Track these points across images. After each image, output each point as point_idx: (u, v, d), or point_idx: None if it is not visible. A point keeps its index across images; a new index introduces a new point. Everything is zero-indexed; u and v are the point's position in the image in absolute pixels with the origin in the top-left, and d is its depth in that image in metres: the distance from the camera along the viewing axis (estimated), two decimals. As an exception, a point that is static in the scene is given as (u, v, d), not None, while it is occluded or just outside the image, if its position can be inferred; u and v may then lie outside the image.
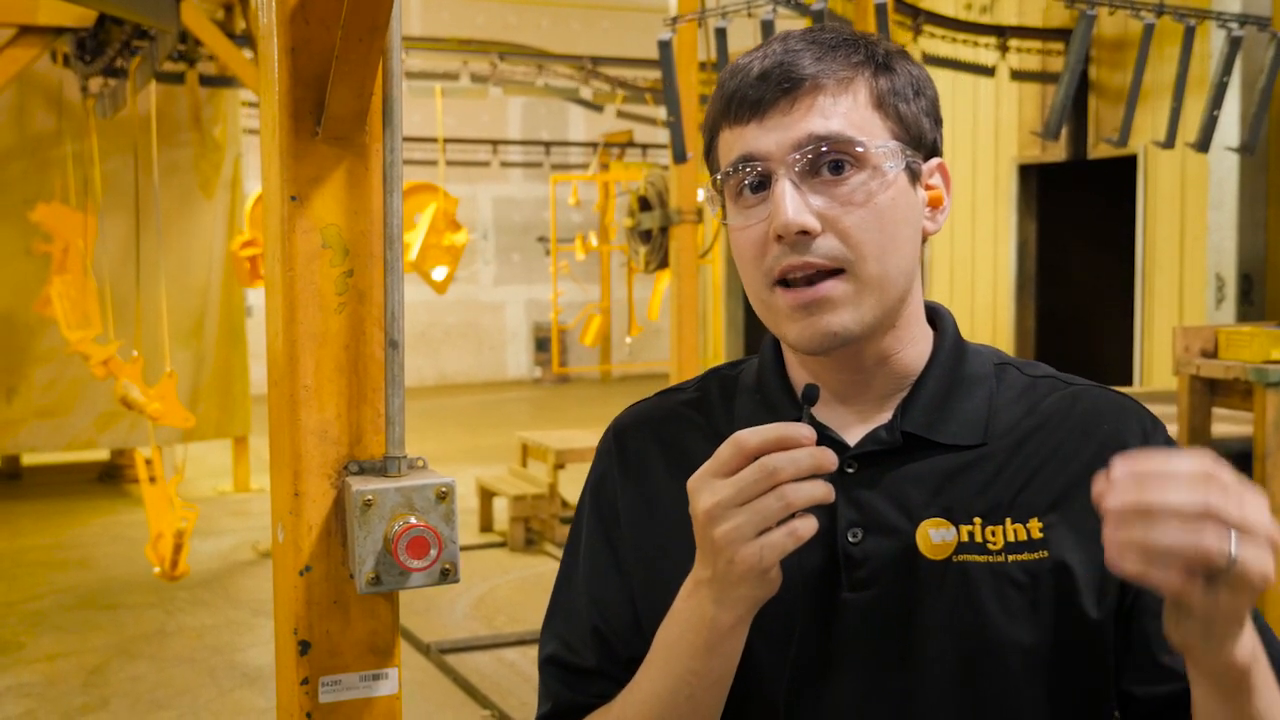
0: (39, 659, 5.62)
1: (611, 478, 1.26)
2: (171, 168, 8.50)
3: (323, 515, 1.39)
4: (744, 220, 1.14)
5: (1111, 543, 0.87)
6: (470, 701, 5.02)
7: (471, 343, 17.49)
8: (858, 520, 1.14)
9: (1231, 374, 4.48)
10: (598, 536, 1.25)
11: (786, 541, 0.99)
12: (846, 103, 1.12)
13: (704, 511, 1.01)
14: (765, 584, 1.02)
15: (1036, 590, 1.11)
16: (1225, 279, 7.06)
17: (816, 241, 1.10)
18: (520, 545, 7.47)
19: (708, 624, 1.05)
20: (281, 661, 1.45)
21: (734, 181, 1.15)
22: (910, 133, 1.15)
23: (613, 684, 1.19)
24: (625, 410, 1.32)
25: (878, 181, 1.11)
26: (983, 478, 1.14)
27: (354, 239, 1.39)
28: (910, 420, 1.16)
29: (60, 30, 6.47)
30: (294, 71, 1.35)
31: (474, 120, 16.22)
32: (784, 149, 1.11)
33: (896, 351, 1.18)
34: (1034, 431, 1.17)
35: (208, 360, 9.27)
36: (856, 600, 1.13)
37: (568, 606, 1.26)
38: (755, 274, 1.14)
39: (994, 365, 1.22)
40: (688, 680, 1.08)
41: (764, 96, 1.12)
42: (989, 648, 1.11)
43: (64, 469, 10.27)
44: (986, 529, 1.12)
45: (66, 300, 6.28)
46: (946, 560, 1.12)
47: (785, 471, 0.98)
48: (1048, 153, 8.31)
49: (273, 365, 1.43)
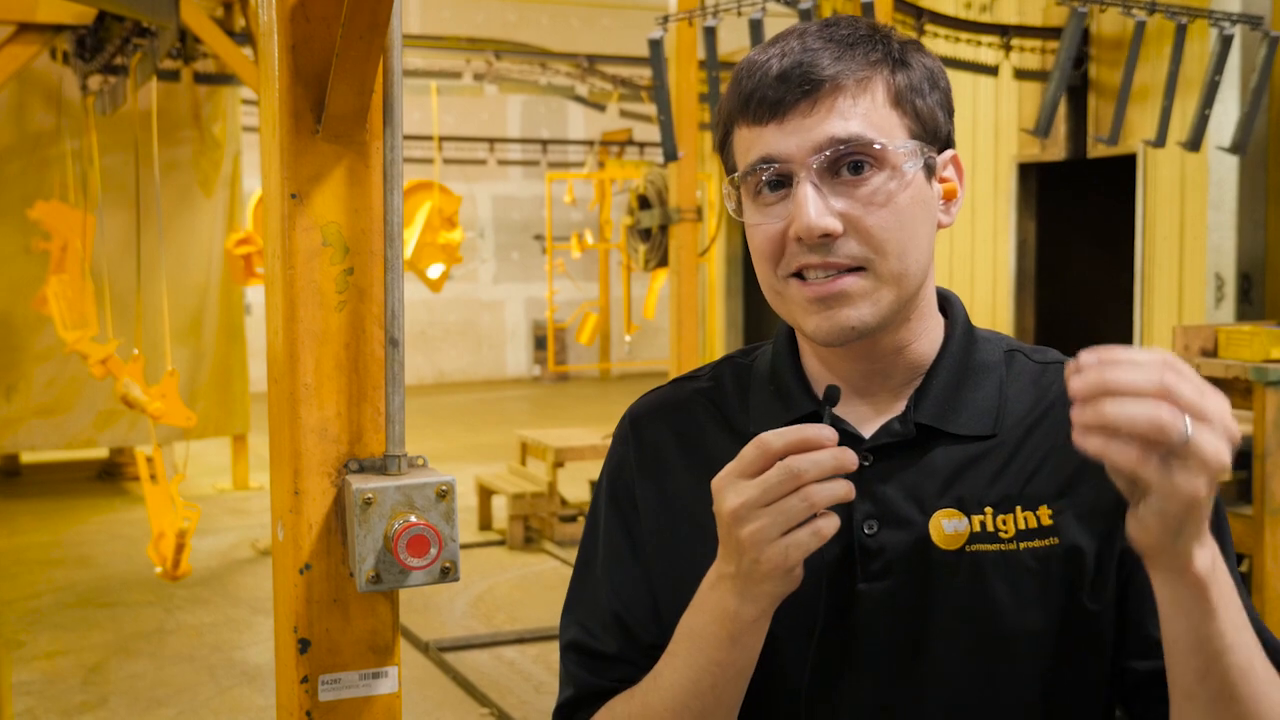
0: (38, 657, 5.62)
1: (628, 465, 1.28)
2: (171, 165, 8.49)
3: (323, 513, 1.39)
4: (763, 218, 1.15)
5: (1076, 423, 0.91)
6: (469, 700, 5.02)
7: (471, 341, 17.48)
8: (873, 512, 1.15)
9: (1231, 373, 4.48)
10: (615, 523, 1.27)
11: (811, 541, 1.01)
12: (865, 103, 1.13)
13: (729, 512, 1.02)
14: (789, 581, 1.05)
15: (1047, 576, 1.14)
16: (1224, 278, 7.06)
17: (837, 243, 1.11)
18: (519, 543, 7.47)
19: (730, 617, 1.07)
20: (281, 660, 1.45)
21: (752, 180, 1.15)
22: (926, 128, 1.16)
23: (634, 669, 1.21)
24: (641, 398, 1.33)
25: (897, 181, 1.12)
26: (993, 468, 1.16)
27: (354, 237, 1.39)
28: (923, 411, 1.18)
29: (60, 28, 6.46)
30: (294, 69, 1.35)
31: (473, 118, 16.22)
32: (805, 151, 1.11)
33: (911, 342, 1.19)
34: (1043, 418, 1.19)
35: (206, 358, 9.26)
36: (872, 591, 1.15)
37: (588, 593, 1.28)
38: (772, 269, 1.15)
39: (1004, 352, 1.23)
40: (711, 670, 1.10)
41: (784, 98, 1.12)
42: (1002, 635, 1.14)
43: (63, 467, 10.27)
44: (998, 518, 1.14)
45: (63, 300, 6.27)
46: (959, 550, 1.14)
47: (809, 474, 1.00)
48: (1047, 152, 8.31)
49: (273, 363, 1.43)
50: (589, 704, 1.24)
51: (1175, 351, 4.64)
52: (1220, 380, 4.53)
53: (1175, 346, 4.67)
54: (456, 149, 14.74)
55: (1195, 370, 0.94)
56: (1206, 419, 0.89)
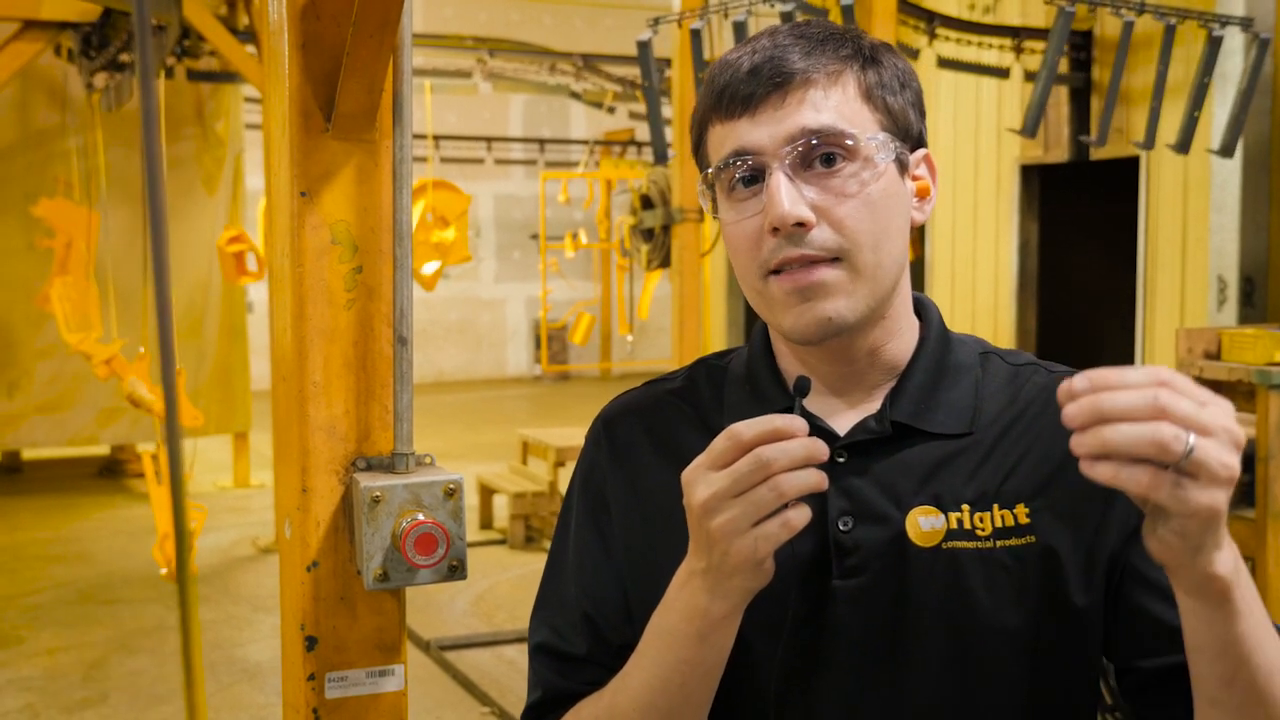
0: (39, 653, 5.62)
1: (600, 466, 1.28)
2: (174, 163, 8.50)
3: (330, 511, 1.39)
4: (737, 214, 1.16)
5: (1078, 452, 0.89)
6: (469, 698, 5.02)
7: (471, 340, 17.48)
8: (848, 509, 1.15)
9: (1235, 376, 4.48)
10: (587, 525, 1.27)
11: (780, 532, 1.00)
12: (837, 96, 1.13)
13: (699, 504, 1.02)
14: (759, 575, 1.04)
15: (1024, 574, 1.13)
16: (1227, 281, 7.06)
17: (812, 233, 1.12)
18: (520, 543, 7.47)
19: (700, 614, 1.06)
20: (288, 657, 1.45)
21: (726, 176, 1.16)
22: (898, 124, 1.17)
23: (603, 671, 1.20)
24: (613, 400, 1.33)
25: (869, 172, 1.13)
26: (970, 465, 1.16)
27: (363, 235, 1.39)
28: (899, 410, 1.18)
29: (64, 25, 6.47)
30: (304, 67, 1.35)
31: (475, 117, 16.21)
32: (777, 142, 1.12)
33: (886, 343, 1.20)
34: (1018, 418, 1.19)
35: (208, 356, 9.26)
36: (847, 587, 1.14)
37: (557, 594, 1.27)
38: (750, 266, 1.15)
39: (978, 354, 1.24)
40: (679, 669, 1.09)
41: (755, 91, 1.13)
42: (979, 633, 1.13)
43: (64, 463, 10.27)
44: (975, 515, 1.14)
45: (67, 303, 6.24)
46: (936, 547, 1.14)
47: (779, 463, 0.99)
48: (1050, 154, 8.31)
49: (281, 361, 1.43)
50: (557, 707, 1.24)
51: (1178, 355, 4.64)
52: (1223, 384, 4.53)
53: (1178, 349, 4.67)
54: (458, 148, 14.74)
55: (1195, 376, 0.93)
56: (1209, 431, 0.88)
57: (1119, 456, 0.88)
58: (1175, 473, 0.88)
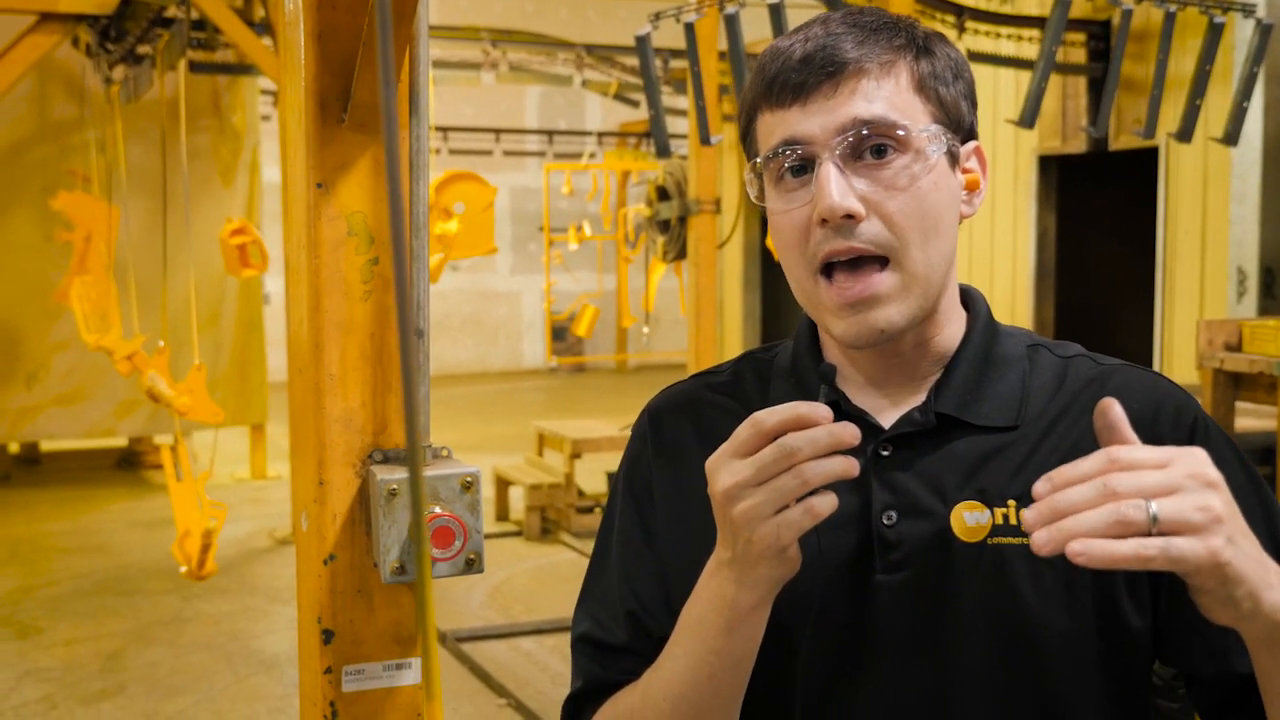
0: (57, 644, 5.64)
1: (646, 459, 1.27)
2: (191, 154, 8.49)
3: (347, 504, 1.38)
4: (785, 204, 1.14)
5: (1064, 551, 0.89)
6: (486, 690, 5.03)
7: (487, 332, 17.48)
8: (892, 503, 1.14)
9: (1255, 368, 4.45)
10: (631, 517, 1.26)
11: (803, 519, 0.99)
12: (889, 86, 1.12)
13: (722, 491, 1.01)
14: (784, 563, 1.03)
15: (1070, 572, 1.11)
16: (1247, 272, 7.02)
17: (861, 226, 1.10)
18: (536, 535, 7.47)
19: (728, 604, 1.06)
20: (305, 650, 1.44)
21: (775, 165, 1.14)
22: (950, 116, 1.15)
23: (643, 662, 1.20)
24: (660, 392, 1.33)
25: (920, 165, 1.11)
26: (1016, 460, 1.15)
27: (380, 227, 1.38)
28: (944, 401, 1.16)
29: (80, 17, 6.48)
30: (321, 57, 1.34)
31: (491, 109, 16.21)
32: (828, 132, 1.11)
33: (934, 336, 1.18)
34: (1065, 412, 1.17)
35: (225, 348, 9.28)
36: (890, 582, 1.13)
37: (601, 586, 1.27)
38: (798, 260, 1.14)
39: (1026, 347, 1.22)
40: (708, 660, 1.09)
41: (807, 80, 1.12)
42: (1024, 630, 1.12)
43: (82, 455, 10.31)
44: (1020, 511, 1.12)
45: (86, 303, 6.23)
46: (981, 543, 1.12)
47: (803, 451, 0.98)
48: (1068, 144, 8.26)
49: (297, 353, 1.43)
50: (597, 696, 1.24)
51: (1199, 347, 4.60)
52: (1244, 375, 4.50)
53: (1199, 341, 4.63)
54: (474, 139, 14.74)
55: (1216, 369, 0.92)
56: (1171, 489, 0.88)
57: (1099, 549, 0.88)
58: (1160, 536, 0.88)
